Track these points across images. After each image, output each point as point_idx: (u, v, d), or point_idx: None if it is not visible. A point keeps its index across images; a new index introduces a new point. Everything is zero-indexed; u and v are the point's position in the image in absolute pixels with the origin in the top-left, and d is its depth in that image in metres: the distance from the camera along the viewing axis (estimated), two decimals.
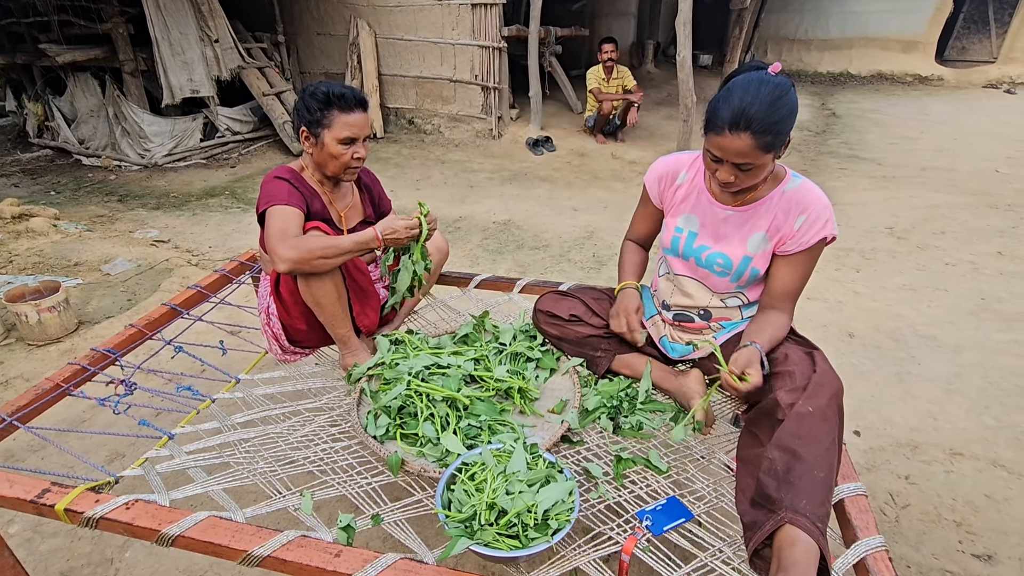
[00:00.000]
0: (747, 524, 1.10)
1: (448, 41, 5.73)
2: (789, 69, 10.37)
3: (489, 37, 5.56)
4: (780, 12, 10.22)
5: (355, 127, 1.56)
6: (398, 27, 5.90)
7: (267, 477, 1.26)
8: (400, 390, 1.43)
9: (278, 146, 6.03)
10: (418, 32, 5.83)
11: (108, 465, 1.83)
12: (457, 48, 5.74)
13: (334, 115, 1.53)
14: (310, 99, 1.55)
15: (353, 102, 1.55)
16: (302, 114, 1.57)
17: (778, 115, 1.15)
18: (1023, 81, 9.70)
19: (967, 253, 3.62)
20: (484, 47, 5.64)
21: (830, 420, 1.12)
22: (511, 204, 4.52)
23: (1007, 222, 4.11)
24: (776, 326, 1.36)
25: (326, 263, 1.47)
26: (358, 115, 1.56)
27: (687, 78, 4.99)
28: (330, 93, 1.53)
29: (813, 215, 1.30)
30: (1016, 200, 4.53)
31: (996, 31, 10.27)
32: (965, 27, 10.66)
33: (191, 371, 1.72)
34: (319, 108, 1.53)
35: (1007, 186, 4.88)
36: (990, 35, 10.39)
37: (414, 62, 6.01)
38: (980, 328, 2.80)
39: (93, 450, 1.92)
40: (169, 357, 1.75)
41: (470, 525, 1.02)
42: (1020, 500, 1.82)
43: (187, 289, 1.95)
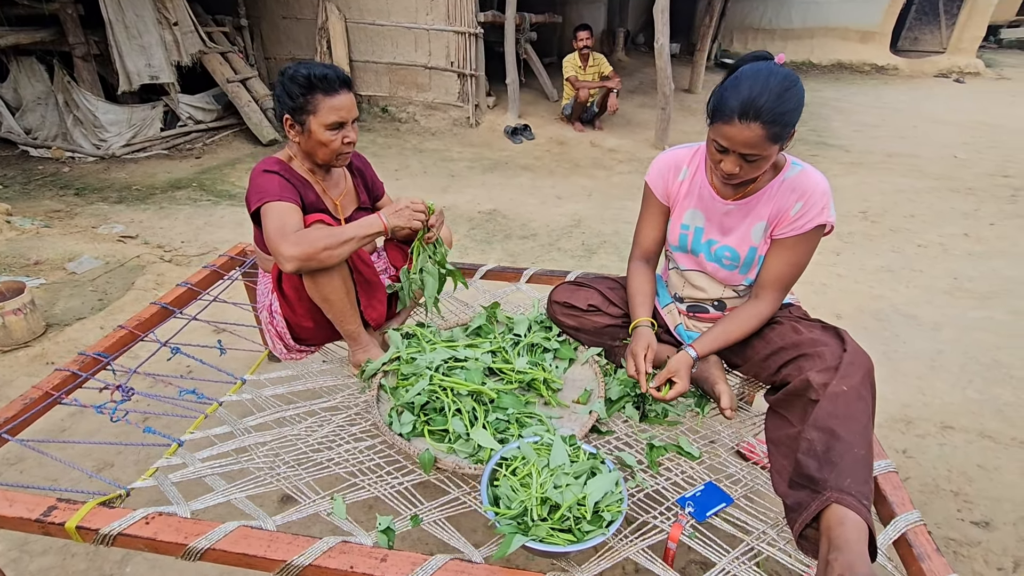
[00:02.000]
0: (790, 506, 1.11)
1: (422, 26, 5.59)
2: None
3: (464, 23, 5.45)
4: (745, 2, 10.40)
5: (342, 110, 1.47)
6: (369, 11, 5.71)
7: (292, 482, 1.20)
8: (423, 385, 1.38)
9: (245, 135, 5.78)
10: (390, 16, 5.66)
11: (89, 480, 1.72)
12: (432, 34, 5.61)
13: (318, 99, 1.44)
14: (290, 84, 1.44)
15: (337, 83, 1.46)
16: (283, 101, 1.47)
17: (787, 106, 1.14)
18: (971, 71, 10.19)
19: (936, 235, 3.78)
20: (459, 33, 5.52)
21: (864, 398, 1.14)
22: (494, 193, 4.46)
23: (969, 205, 4.32)
24: (741, 321, 1.36)
25: (332, 255, 1.39)
26: (344, 96, 1.47)
27: (665, 65, 5.01)
28: (311, 76, 1.43)
29: (810, 201, 1.28)
30: (975, 184, 4.76)
31: (946, 22, 10.74)
32: (917, 18, 11.11)
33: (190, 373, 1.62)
34: (301, 93, 1.44)
35: (966, 171, 5.12)
36: (940, 26, 10.86)
37: (387, 48, 5.84)
38: (956, 307, 2.93)
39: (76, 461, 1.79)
40: (165, 359, 1.65)
41: (522, 521, 0.99)
42: (1009, 468, 1.92)
43: (176, 287, 1.84)
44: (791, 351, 1.30)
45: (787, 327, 1.37)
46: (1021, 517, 1.74)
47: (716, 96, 1.20)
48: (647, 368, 1.35)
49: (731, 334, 1.35)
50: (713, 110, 1.20)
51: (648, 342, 1.39)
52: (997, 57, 11.63)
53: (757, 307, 1.36)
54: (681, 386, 1.29)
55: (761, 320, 1.36)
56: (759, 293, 1.38)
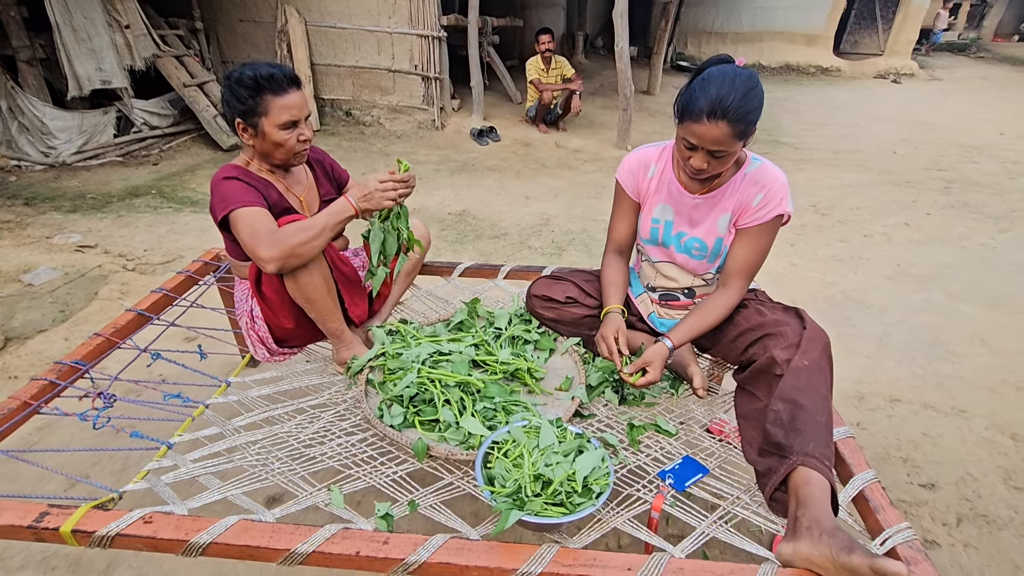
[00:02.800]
0: (760, 472, 1.21)
1: (385, 29, 5.58)
2: None
3: (427, 26, 5.47)
4: (698, 6, 10.77)
5: (294, 108, 1.46)
6: (330, 14, 5.67)
7: (287, 477, 1.22)
8: (412, 378, 1.42)
9: (204, 140, 5.64)
10: (352, 20, 5.63)
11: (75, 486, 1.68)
12: (395, 37, 5.61)
13: (268, 100, 1.43)
14: (237, 87, 1.43)
15: (285, 82, 1.45)
16: (233, 105, 1.45)
17: (751, 105, 1.23)
18: (906, 72, 10.85)
19: (880, 225, 4.04)
20: (422, 36, 5.54)
21: (824, 370, 1.25)
22: (463, 195, 4.51)
23: (908, 197, 4.62)
24: (710, 310, 1.44)
25: (309, 248, 1.39)
26: (294, 95, 1.46)
27: (626, 68, 5.17)
28: (257, 76, 1.42)
29: (770, 193, 1.39)
30: (913, 177, 5.10)
31: (882, 27, 11.40)
32: (857, 23, 11.75)
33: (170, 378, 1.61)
34: (250, 96, 1.42)
35: (904, 165, 5.47)
36: (878, 30, 11.52)
37: (349, 51, 5.80)
38: (899, 291, 3.15)
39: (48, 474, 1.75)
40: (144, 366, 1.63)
41: (517, 498, 1.05)
42: (950, 435, 2.10)
43: (151, 293, 1.81)
44: (756, 332, 1.41)
45: (752, 310, 1.47)
46: (961, 477, 1.91)
47: (684, 97, 1.28)
48: (622, 349, 1.43)
49: (703, 324, 1.44)
50: (682, 110, 1.28)
51: (617, 326, 1.47)
52: (929, 59, 12.42)
53: (725, 296, 1.46)
54: (652, 376, 1.36)
55: (730, 308, 1.45)
56: (726, 282, 1.48)
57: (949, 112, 7.92)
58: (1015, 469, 1.95)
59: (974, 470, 1.94)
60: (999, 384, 2.38)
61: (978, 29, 15.39)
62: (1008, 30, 15.55)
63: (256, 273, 1.53)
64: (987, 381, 2.40)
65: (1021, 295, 3.10)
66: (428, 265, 2.08)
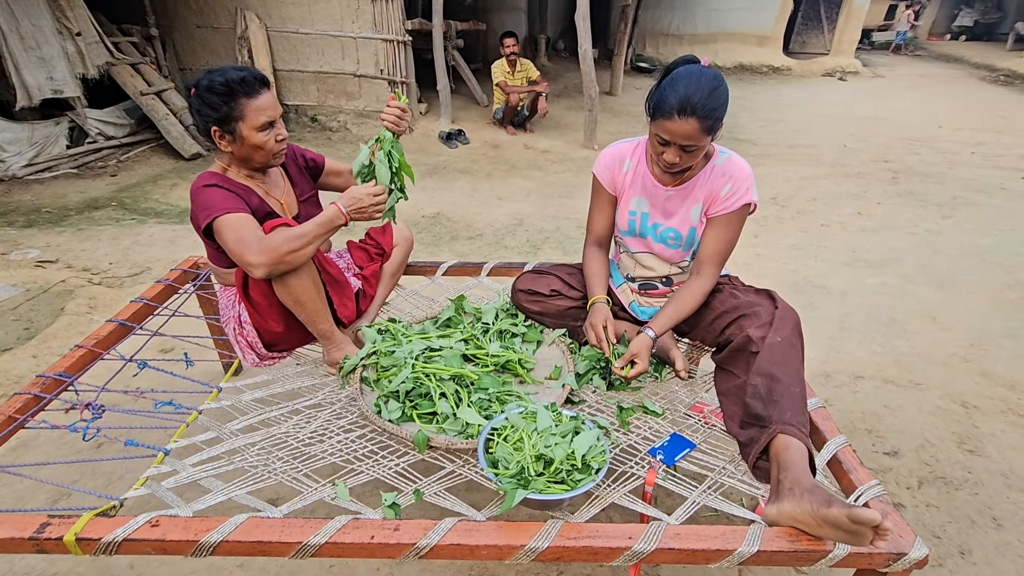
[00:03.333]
0: (743, 442, 1.29)
1: (349, 34, 5.55)
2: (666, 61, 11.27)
3: (392, 30, 5.47)
4: (655, 9, 11.07)
5: (269, 109, 1.48)
6: (292, 19, 5.60)
7: (290, 475, 1.24)
8: (407, 373, 1.45)
9: (164, 150, 5.48)
10: (315, 25, 5.58)
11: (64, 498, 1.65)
12: (359, 42, 5.59)
13: (243, 104, 1.44)
14: (208, 95, 1.43)
15: (256, 83, 1.46)
16: (206, 114, 1.45)
17: (717, 101, 1.32)
18: (851, 70, 11.40)
19: (835, 215, 4.26)
20: (388, 40, 5.54)
21: (796, 345, 1.35)
22: (436, 197, 4.53)
23: (859, 187, 4.89)
24: (687, 297, 1.52)
25: (299, 255, 1.41)
26: (266, 95, 1.48)
27: (590, 69, 5.29)
28: (229, 81, 1.42)
29: (737, 183, 1.48)
30: (863, 169, 5.39)
31: (827, 27, 11.95)
32: (803, 24, 12.28)
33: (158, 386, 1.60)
34: (224, 102, 1.43)
35: (854, 158, 5.77)
36: (823, 31, 12.07)
37: (313, 56, 5.75)
38: (856, 275, 3.34)
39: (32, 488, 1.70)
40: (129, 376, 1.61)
41: (521, 478, 1.10)
42: (909, 406, 2.25)
43: (131, 303, 1.79)
44: (731, 314, 1.50)
45: (726, 294, 1.56)
46: (921, 444, 2.06)
47: (656, 96, 1.36)
48: (611, 337, 1.50)
49: (681, 312, 1.52)
50: (654, 108, 1.36)
51: (605, 315, 1.54)
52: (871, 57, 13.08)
53: (700, 283, 1.54)
54: (642, 366, 1.43)
55: (704, 294, 1.53)
56: (700, 270, 1.56)
57: (892, 107, 8.38)
58: (967, 434, 2.11)
59: (931, 437, 2.09)
60: (949, 358, 2.56)
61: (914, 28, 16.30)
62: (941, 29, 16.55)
63: (243, 278, 1.53)
64: (939, 355, 2.58)
65: (965, 276, 3.33)
66: (412, 265, 2.11)
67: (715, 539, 1.04)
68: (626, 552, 1.03)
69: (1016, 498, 1.84)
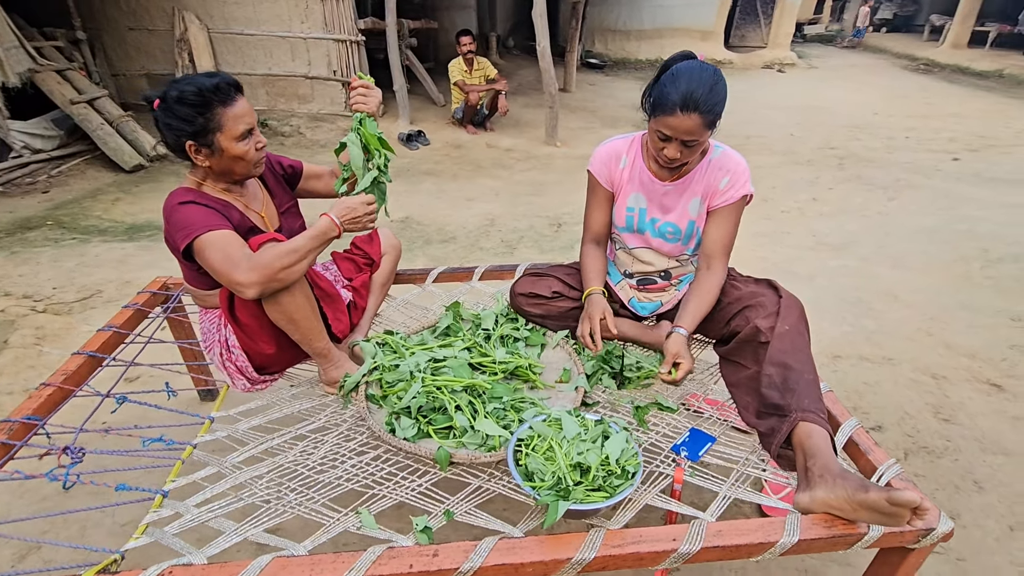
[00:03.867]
0: (763, 433, 1.31)
1: (299, 35, 5.34)
2: (615, 57, 11.48)
3: (344, 30, 5.30)
4: (601, 5, 11.22)
5: (247, 116, 1.38)
6: (235, 20, 5.33)
7: (307, 507, 1.16)
8: (418, 388, 1.40)
9: (101, 162, 5.11)
10: (261, 26, 5.33)
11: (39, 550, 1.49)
12: (310, 42, 5.38)
13: (219, 113, 1.34)
14: (180, 107, 1.32)
15: (231, 90, 1.37)
16: (179, 128, 1.33)
17: (718, 97, 1.33)
18: (788, 62, 11.94)
19: (793, 202, 4.44)
20: (340, 41, 5.36)
21: (803, 333, 1.38)
22: (403, 200, 4.42)
23: (811, 174, 5.12)
24: (706, 292, 1.53)
25: (293, 272, 1.32)
26: (242, 101, 1.39)
27: (549, 67, 5.30)
28: (202, 90, 1.31)
29: (735, 176, 1.51)
30: (812, 157, 5.64)
31: (764, 21, 12.46)
32: (742, 19, 12.76)
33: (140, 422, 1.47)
34: (200, 113, 1.32)
35: (803, 146, 6.04)
36: (760, 25, 12.58)
37: (260, 58, 5.49)
38: (820, 259, 3.49)
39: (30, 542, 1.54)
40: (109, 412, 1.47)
41: (560, 489, 1.07)
42: (885, 382, 2.36)
43: (99, 332, 1.64)
44: (736, 305, 1.52)
45: (729, 287, 1.58)
46: (901, 417, 2.16)
47: (656, 92, 1.36)
48: (611, 328, 1.51)
49: (703, 307, 1.52)
50: (654, 104, 1.36)
51: (603, 307, 1.53)
52: (805, 50, 13.75)
53: (713, 276, 1.55)
54: (687, 364, 1.40)
55: (719, 286, 1.54)
56: (709, 264, 1.57)
57: (829, 96, 8.83)
58: (940, 404, 2.23)
59: (910, 409, 2.20)
60: (914, 332, 2.71)
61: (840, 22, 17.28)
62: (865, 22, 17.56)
63: (229, 299, 1.43)
64: (905, 331, 2.72)
65: (916, 253, 3.53)
66: (400, 273, 2.04)
67: (756, 532, 1.05)
68: (673, 554, 1.02)
69: (991, 461, 1.96)
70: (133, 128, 5.08)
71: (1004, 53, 11.68)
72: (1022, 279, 3.20)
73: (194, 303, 1.63)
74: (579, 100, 8.12)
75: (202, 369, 2.04)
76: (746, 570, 1.57)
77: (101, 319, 2.76)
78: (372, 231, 1.94)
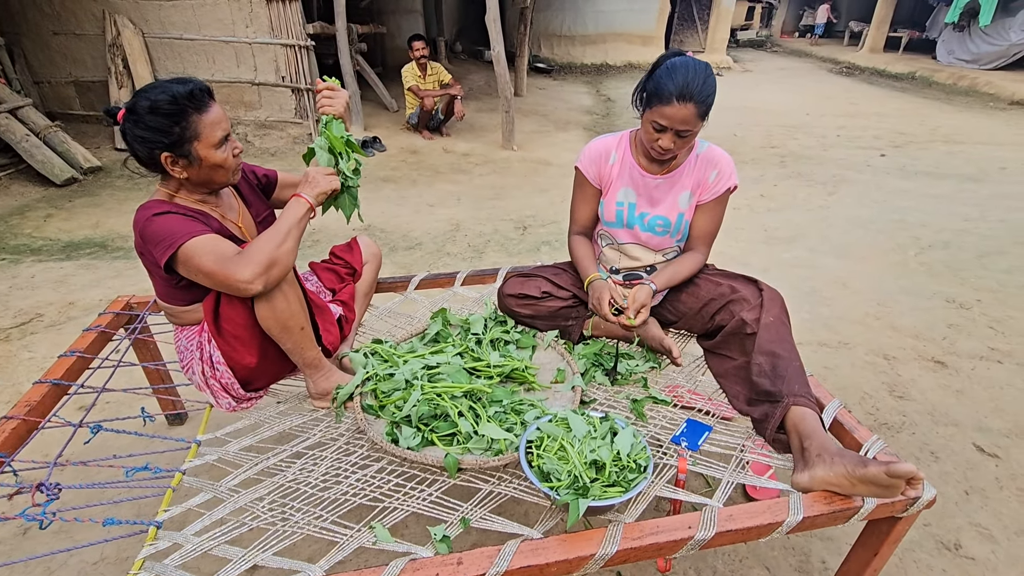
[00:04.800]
0: (757, 419, 1.37)
1: (243, 40, 5.13)
2: (562, 61, 11.68)
3: (292, 35, 5.14)
4: (546, 11, 11.39)
5: (222, 121, 1.34)
6: (173, 24, 5.07)
7: (316, 526, 1.12)
8: (418, 396, 1.38)
9: (27, 176, 4.72)
10: (201, 30, 5.09)
11: None
12: (256, 47, 5.18)
13: (195, 121, 1.28)
14: (154, 117, 1.25)
15: (204, 95, 1.32)
16: (153, 140, 1.27)
17: (710, 88, 1.41)
18: (725, 66, 12.52)
19: (743, 199, 4.66)
20: (287, 46, 5.20)
21: (786, 323, 1.46)
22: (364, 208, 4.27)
23: (757, 172, 5.38)
24: (685, 263, 1.64)
25: (285, 251, 1.27)
26: (216, 107, 1.34)
27: (504, 71, 5.34)
28: (176, 98, 1.25)
29: (722, 169, 1.60)
30: (755, 156, 5.94)
31: (701, 27, 13.02)
32: (680, 24, 13.28)
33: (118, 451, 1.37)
34: (175, 122, 1.27)
35: (746, 145, 6.34)
36: (697, 30, 13.13)
37: (202, 64, 5.24)
38: (772, 252, 3.68)
39: None
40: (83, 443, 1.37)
41: (578, 487, 1.08)
42: (843, 365, 2.52)
43: (61, 358, 1.52)
44: (719, 300, 1.59)
45: (710, 283, 1.65)
46: (861, 397, 2.31)
47: (652, 85, 1.41)
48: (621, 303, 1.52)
49: (680, 274, 1.62)
50: (651, 96, 1.41)
51: (608, 288, 1.56)
52: (739, 54, 14.46)
53: (695, 255, 1.66)
54: (645, 314, 1.49)
55: (699, 264, 1.65)
56: (694, 246, 1.67)
57: (765, 98, 9.32)
58: (894, 383, 2.40)
59: (868, 389, 2.36)
60: (864, 317, 2.91)
61: (769, 27, 18.29)
62: (790, 28, 18.72)
63: (213, 309, 1.37)
64: (855, 315, 2.91)
65: (858, 244, 3.79)
66: (381, 282, 2.01)
67: (764, 514, 1.10)
68: (690, 542, 1.05)
69: (943, 431, 2.13)
70: (63, 139, 4.73)
71: (915, 57, 12.71)
72: (950, 263, 3.50)
73: (167, 321, 1.54)
74: (531, 104, 8.22)
75: (170, 392, 1.93)
76: (736, 550, 1.64)
77: (45, 345, 2.56)
78: (352, 239, 1.90)
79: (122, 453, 1.30)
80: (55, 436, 1.37)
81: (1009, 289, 3.17)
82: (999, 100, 8.91)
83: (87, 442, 1.35)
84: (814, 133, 6.89)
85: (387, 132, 6.08)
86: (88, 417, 1.40)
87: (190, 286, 1.37)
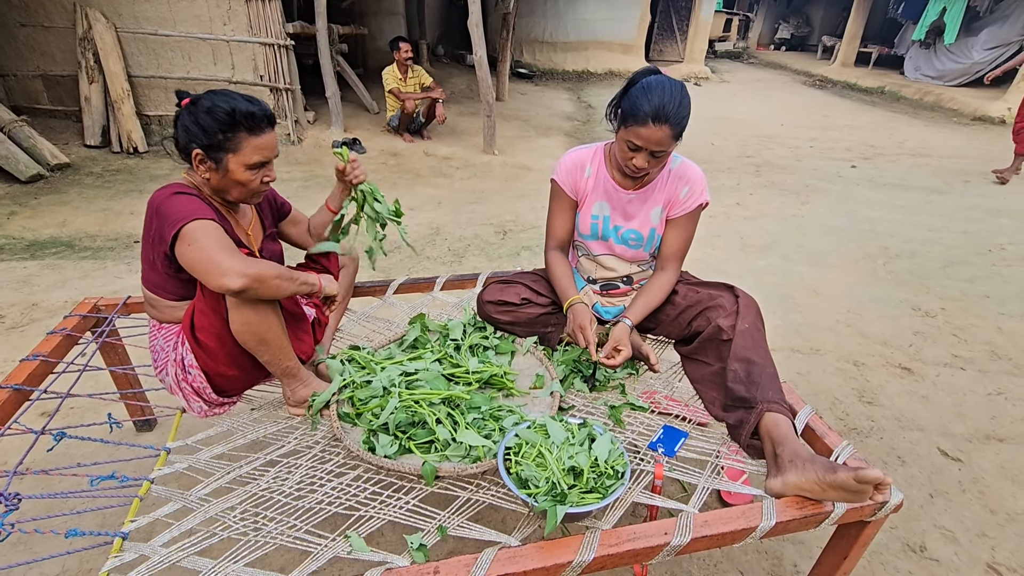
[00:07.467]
0: (732, 424, 1.39)
1: (221, 37, 5.04)
2: (543, 68, 11.75)
3: (272, 34, 5.07)
4: (528, 17, 11.46)
5: (267, 149, 1.38)
6: (148, 20, 4.95)
7: (289, 536, 1.10)
8: (395, 403, 1.36)
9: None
10: (177, 26, 4.98)
11: None
12: (233, 46, 5.09)
13: (241, 138, 1.32)
14: (207, 117, 1.29)
15: (264, 121, 1.36)
16: (194, 134, 1.31)
17: (685, 110, 1.42)
18: (703, 76, 12.75)
19: (720, 207, 4.74)
20: (266, 45, 5.12)
21: (761, 330, 1.49)
22: None
23: (732, 180, 5.49)
24: (656, 290, 1.63)
25: (281, 288, 1.29)
26: (269, 135, 1.38)
27: (486, 76, 5.34)
28: (235, 112, 1.30)
29: (693, 185, 1.62)
30: (731, 164, 6.06)
31: (680, 37, 13.24)
32: (660, 34, 13.48)
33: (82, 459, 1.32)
34: (221, 130, 1.30)
35: (722, 154, 6.47)
36: (677, 40, 13.36)
37: (178, 61, 5.13)
38: (747, 259, 3.75)
39: None
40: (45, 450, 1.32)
41: (556, 494, 1.08)
42: (814, 371, 2.58)
43: (23, 362, 1.47)
44: (696, 307, 1.61)
45: (687, 290, 1.67)
46: (832, 403, 2.37)
47: (627, 104, 1.42)
48: (593, 339, 1.53)
49: (651, 303, 1.61)
50: (626, 115, 1.42)
51: (590, 316, 1.57)
52: (717, 64, 14.73)
53: (665, 277, 1.64)
54: (626, 352, 1.49)
55: (671, 286, 1.64)
56: (664, 266, 1.66)
57: (741, 109, 9.52)
58: (863, 389, 2.47)
59: (838, 394, 2.42)
60: (835, 324, 2.98)
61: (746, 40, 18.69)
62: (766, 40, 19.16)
63: (191, 319, 1.35)
64: (827, 323, 2.98)
65: (830, 252, 3.89)
66: (359, 286, 1.99)
67: (738, 520, 1.11)
68: (666, 548, 1.06)
69: (909, 436, 2.19)
70: (29, 134, 4.58)
71: (884, 72, 13.13)
72: (916, 272, 3.62)
73: (147, 317, 1.51)
74: (512, 109, 8.24)
75: (139, 397, 1.88)
76: (711, 555, 1.66)
77: (6, 348, 2.46)
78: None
79: (87, 461, 1.25)
80: (15, 443, 1.32)
81: (971, 298, 3.29)
82: (962, 116, 9.26)
83: (50, 450, 1.30)
84: (787, 143, 7.06)
85: (367, 134, 6.03)
86: (51, 423, 1.35)
87: (186, 282, 1.39)
